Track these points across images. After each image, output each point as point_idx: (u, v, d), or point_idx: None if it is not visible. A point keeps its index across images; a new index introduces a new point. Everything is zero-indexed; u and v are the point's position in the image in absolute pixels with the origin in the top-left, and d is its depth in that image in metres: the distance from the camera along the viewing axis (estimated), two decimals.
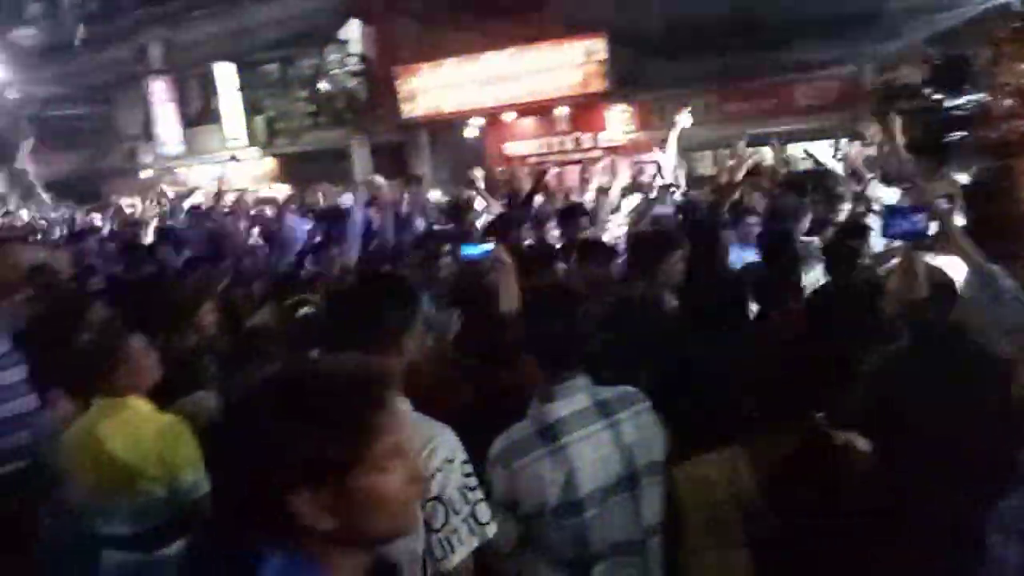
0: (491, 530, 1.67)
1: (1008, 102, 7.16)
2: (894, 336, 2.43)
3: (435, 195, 9.95)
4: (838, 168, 6.03)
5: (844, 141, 7.89)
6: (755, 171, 6.09)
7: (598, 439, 1.84)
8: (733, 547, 1.83)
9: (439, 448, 1.64)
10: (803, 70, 11.13)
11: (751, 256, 4.09)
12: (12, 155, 17.63)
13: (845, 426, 1.91)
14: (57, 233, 8.97)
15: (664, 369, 2.36)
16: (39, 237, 7.65)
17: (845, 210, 4.96)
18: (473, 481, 1.67)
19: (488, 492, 1.74)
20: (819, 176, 6.01)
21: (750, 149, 8.35)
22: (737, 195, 5.01)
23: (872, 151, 6.24)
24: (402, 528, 1.06)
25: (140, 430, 2.42)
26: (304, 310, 2.79)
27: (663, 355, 2.47)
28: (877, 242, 3.80)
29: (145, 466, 2.39)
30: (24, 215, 11.48)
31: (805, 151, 6.56)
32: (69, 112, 19.46)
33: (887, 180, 5.13)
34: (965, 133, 8.09)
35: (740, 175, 5.01)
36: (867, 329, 2.58)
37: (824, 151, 7.38)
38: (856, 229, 3.89)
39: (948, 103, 8.88)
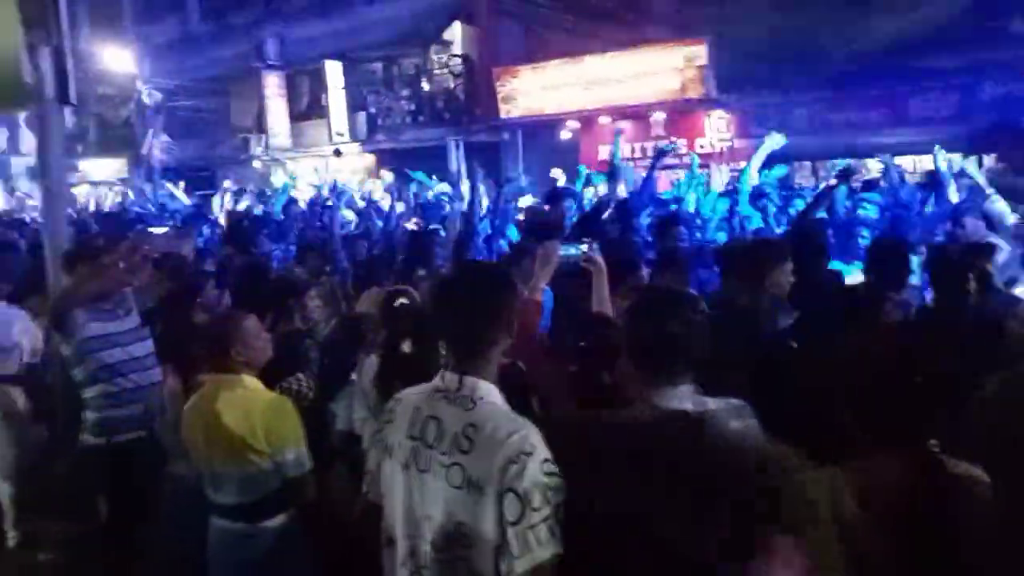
0: (559, 547, 1.60)
1: None
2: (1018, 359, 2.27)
3: (525, 200, 10.03)
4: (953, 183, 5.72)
5: (958, 156, 7.48)
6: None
7: None
8: (832, 571, 1.78)
9: (517, 441, 1.65)
10: (918, 80, 10.60)
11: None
12: (139, 142, 18.95)
13: (959, 454, 1.78)
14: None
15: (764, 381, 2.31)
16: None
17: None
18: (556, 483, 1.63)
19: None
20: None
21: (854, 161, 8.07)
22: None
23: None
24: None
25: (252, 406, 2.61)
26: (400, 300, 2.93)
27: (765, 367, 2.43)
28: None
29: (254, 440, 2.57)
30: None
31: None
32: (190, 103, 20.73)
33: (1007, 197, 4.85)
34: None
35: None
36: (990, 351, 2.44)
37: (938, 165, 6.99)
38: (984, 248, 3.71)
39: None
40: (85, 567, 3.29)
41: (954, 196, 5.25)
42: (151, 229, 5.71)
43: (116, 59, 18.12)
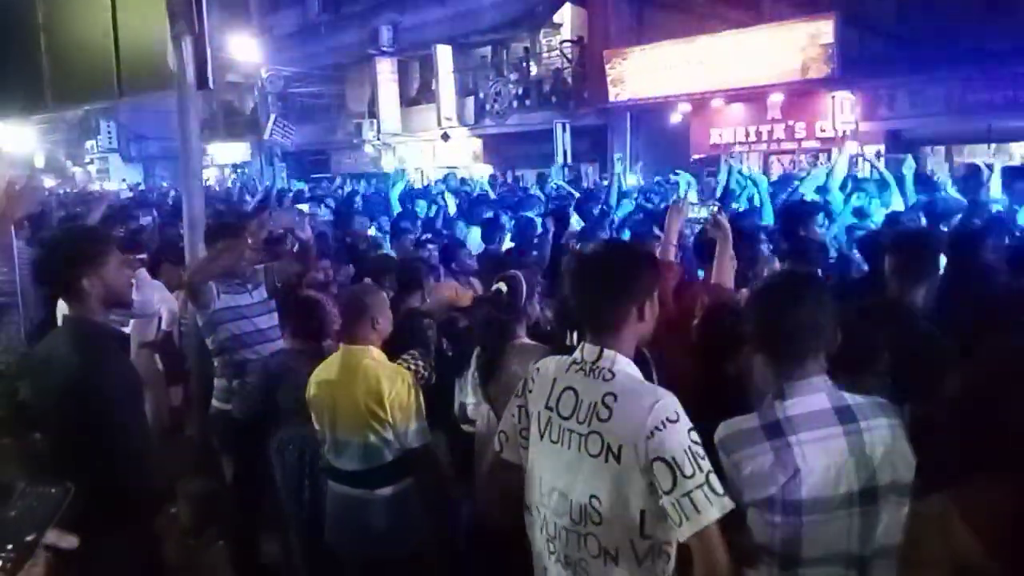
0: (729, 502, 1.62)
1: None
2: None
3: (631, 180, 9.90)
4: None
5: None
6: None
7: (832, 445, 1.72)
8: None
9: (660, 408, 1.64)
10: None
11: None
12: (260, 127, 19.97)
13: None
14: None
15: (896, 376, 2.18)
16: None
17: None
18: (701, 450, 1.64)
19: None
20: None
21: (995, 146, 7.42)
22: None
23: None
24: None
25: (380, 377, 2.69)
26: (498, 286, 2.94)
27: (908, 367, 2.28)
28: None
29: (380, 410, 2.66)
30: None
31: None
32: (308, 91, 21.65)
33: None
34: None
35: None
36: None
37: None
38: None
39: None
40: (211, 524, 3.52)
41: None
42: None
43: (242, 49, 19.13)
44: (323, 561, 2.99)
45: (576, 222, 6.14)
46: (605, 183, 9.04)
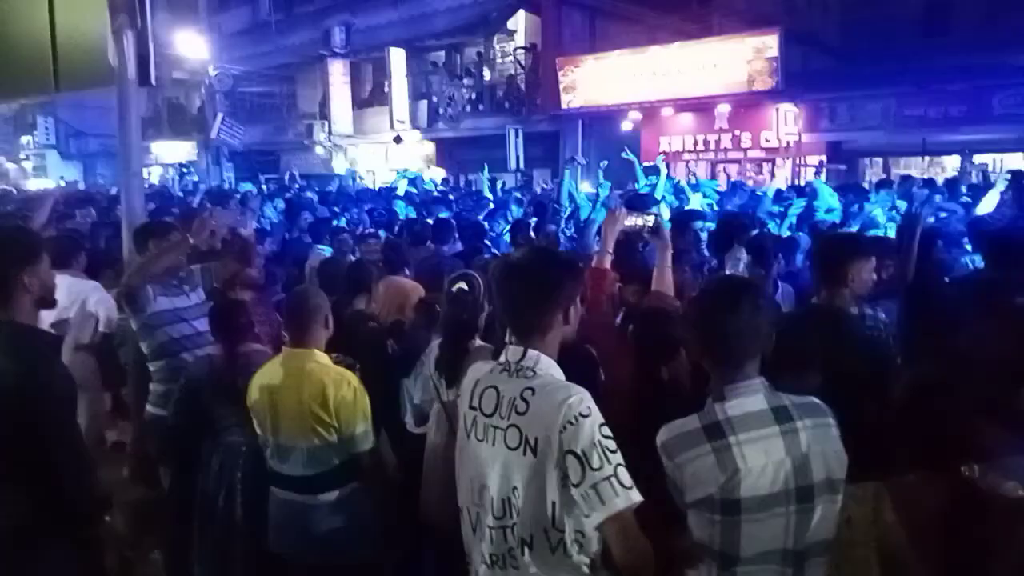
0: (636, 496, 1.68)
1: None
2: None
3: (584, 187, 10.00)
4: None
5: None
6: None
7: (770, 445, 1.76)
8: None
9: (573, 403, 1.71)
10: (1002, 75, 10.07)
11: None
12: (208, 126, 19.53)
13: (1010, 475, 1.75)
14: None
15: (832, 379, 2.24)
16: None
17: None
18: (613, 444, 1.70)
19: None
20: None
21: (929, 158, 7.75)
22: None
23: None
24: None
25: (325, 380, 2.65)
26: (459, 285, 2.93)
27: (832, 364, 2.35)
28: None
29: (325, 414, 2.62)
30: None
31: None
32: (258, 90, 21.27)
33: None
34: None
35: None
36: None
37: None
38: None
39: None
40: (147, 533, 3.41)
41: None
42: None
43: (189, 45, 18.69)
44: (266, 570, 2.92)
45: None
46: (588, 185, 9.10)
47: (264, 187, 12.00)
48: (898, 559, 1.73)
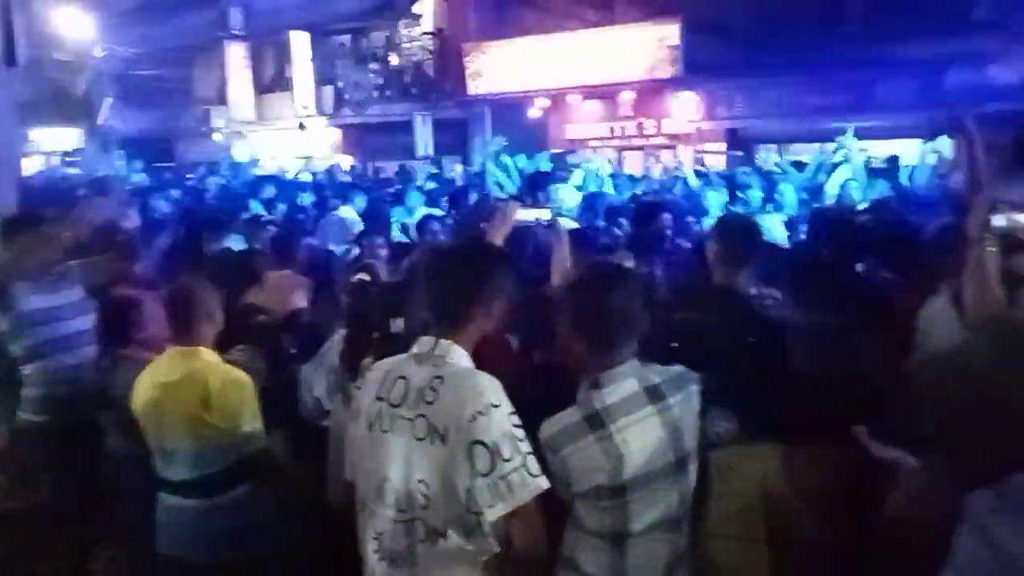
0: (544, 482, 1.69)
1: None
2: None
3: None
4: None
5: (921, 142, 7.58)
6: None
7: (647, 425, 1.83)
8: (754, 542, 1.83)
9: (482, 393, 1.69)
10: (887, 65, 10.68)
11: None
12: (95, 111, 18.37)
13: (897, 441, 1.86)
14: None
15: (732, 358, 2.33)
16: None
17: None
18: (522, 433, 1.70)
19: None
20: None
21: (819, 145, 8.13)
22: None
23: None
24: None
25: (209, 379, 2.55)
26: (360, 276, 2.87)
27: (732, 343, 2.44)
28: None
29: (209, 414, 2.51)
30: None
31: None
32: (150, 73, 20.12)
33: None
34: None
35: None
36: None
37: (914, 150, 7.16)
38: None
39: None
40: (27, 545, 3.19)
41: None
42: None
43: (72, 24, 17.47)
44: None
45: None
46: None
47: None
48: (787, 518, 1.80)
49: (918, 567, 1.62)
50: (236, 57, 18.19)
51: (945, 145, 6.66)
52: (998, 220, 1.95)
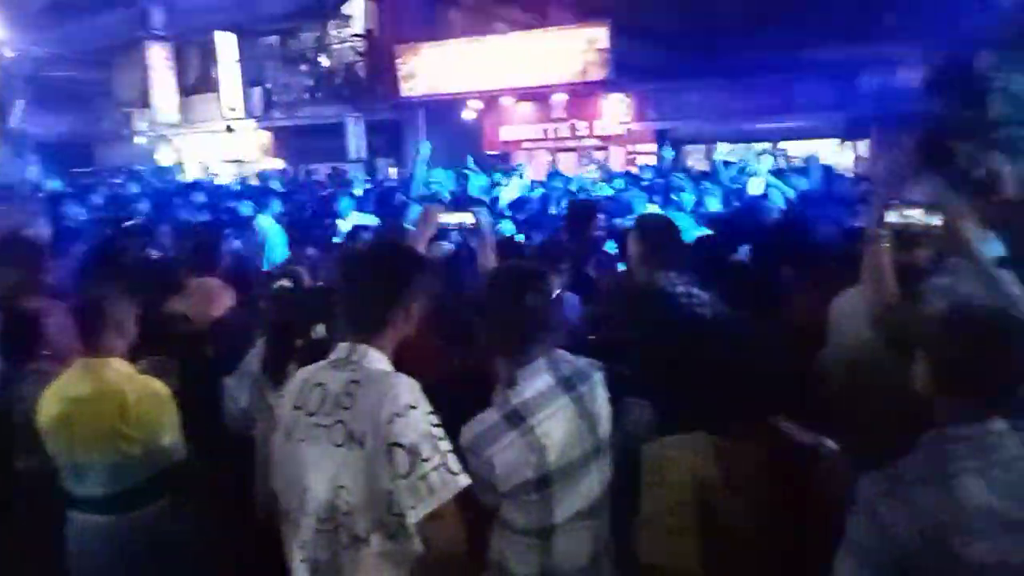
0: (465, 480, 1.69)
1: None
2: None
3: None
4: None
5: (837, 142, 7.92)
6: None
7: (565, 414, 1.87)
8: (687, 532, 1.88)
9: (399, 395, 1.68)
10: (805, 69, 11.09)
11: None
12: (6, 114, 17.46)
13: (816, 426, 1.95)
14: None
15: (652, 352, 2.41)
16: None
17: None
18: (441, 432, 1.69)
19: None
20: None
21: (743, 146, 8.42)
22: None
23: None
24: None
25: (123, 390, 2.46)
26: (281, 283, 2.81)
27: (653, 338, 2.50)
28: None
29: (125, 426, 2.43)
30: None
31: None
32: (67, 75, 19.24)
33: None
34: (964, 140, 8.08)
35: None
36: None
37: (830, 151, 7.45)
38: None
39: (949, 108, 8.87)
40: None
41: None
42: None
43: None
44: None
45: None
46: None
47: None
48: (719, 506, 1.86)
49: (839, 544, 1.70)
50: (158, 58, 17.60)
51: (859, 146, 6.98)
52: (891, 217, 2.05)
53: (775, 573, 1.79)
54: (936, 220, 2.02)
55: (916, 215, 2.06)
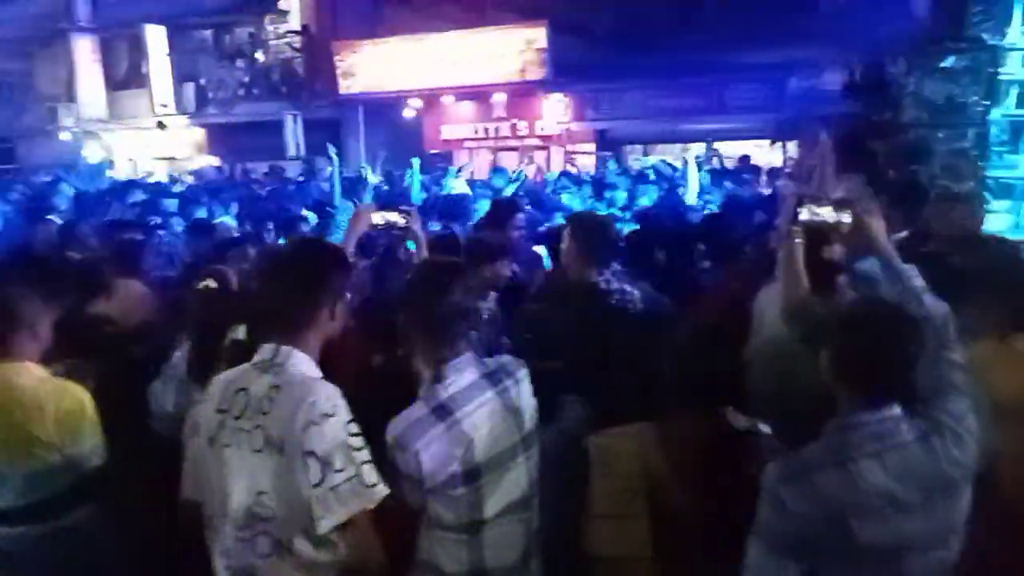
0: (380, 491, 1.68)
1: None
2: None
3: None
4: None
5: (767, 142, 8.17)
6: None
7: (491, 407, 1.90)
8: (635, 517, 1.94)
9: (316, 402, 1.67)
10: (739, 72, 11.40)
11: None
12: None
13: (752, 412, 2.02)
14: None
15: (588, 349, 2.46)
16: None
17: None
18: (359, 442, 1.68)
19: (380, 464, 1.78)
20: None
21: (680, 145, 8.63)
22: None
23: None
24: None
25: (40, 395, 2.38)
26: (206, 283, 2.76)
27: (588, 335, 2.55)
28: None
29: (42, 432, 2.35)
30: None
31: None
32: None
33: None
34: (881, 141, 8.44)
35: None
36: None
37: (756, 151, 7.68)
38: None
39: (867, 110, 9.23)
40: None
41: None
42: None
43: None
44: None
45: None
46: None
47: None
48: (666, 492, 1.92)
49: None
50: (84, 51, 16.95)
51: (789, 146, 7.23)
52: (803, 214, 2.14)
53: (719, 556, 1.85)
54: (846, 217, 2.11)
55: (826, 212, 2.15)
